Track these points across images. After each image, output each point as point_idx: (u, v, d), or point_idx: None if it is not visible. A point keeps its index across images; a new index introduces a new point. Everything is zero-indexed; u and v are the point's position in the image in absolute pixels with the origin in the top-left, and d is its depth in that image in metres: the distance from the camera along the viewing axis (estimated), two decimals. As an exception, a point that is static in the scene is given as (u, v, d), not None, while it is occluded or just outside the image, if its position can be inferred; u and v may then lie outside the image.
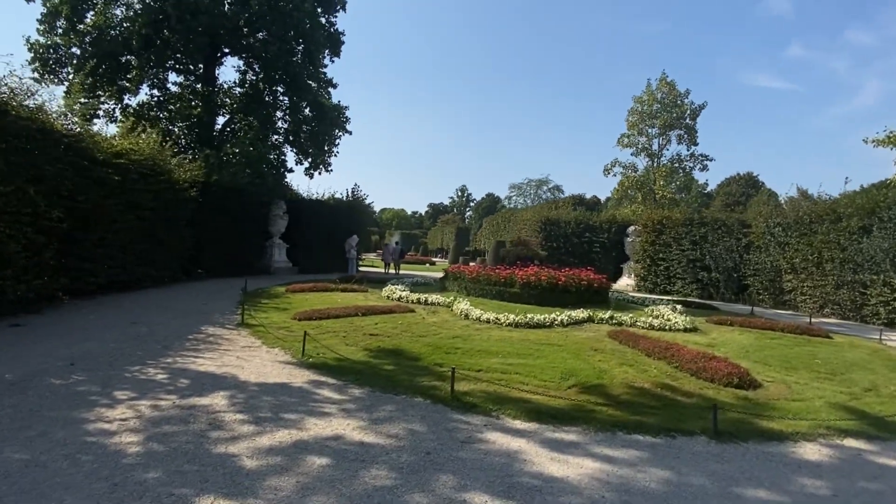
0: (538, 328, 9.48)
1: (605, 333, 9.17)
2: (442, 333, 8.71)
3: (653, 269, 21.31)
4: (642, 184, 27.87)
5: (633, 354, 7.79)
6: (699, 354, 7.22)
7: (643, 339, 8.40)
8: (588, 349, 8.02)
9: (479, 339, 8.43)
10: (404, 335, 8.47)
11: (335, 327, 8.87)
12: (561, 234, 24.35)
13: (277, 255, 20.84)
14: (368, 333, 8.50)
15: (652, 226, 21.49)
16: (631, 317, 10.43)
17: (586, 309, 10.91)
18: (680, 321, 10.33)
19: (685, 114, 27.80)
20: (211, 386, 5.52)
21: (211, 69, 22.13)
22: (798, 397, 6.18)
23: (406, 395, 5.60)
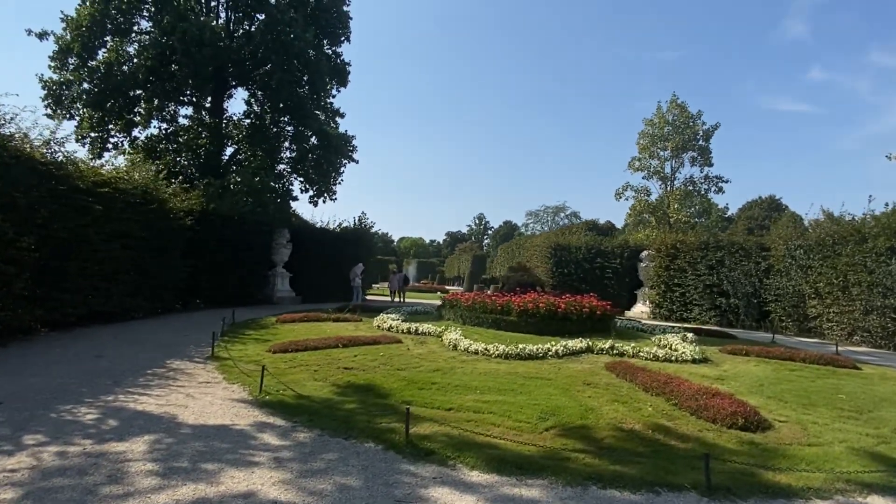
0: (530, 360, 8.77)
1: (603, 365, 8.42)
2: (423, 366, 8.08)
3: (668, 295, 20.35)
4: (656, 208, 27.00)
5: (628, 389, 7.02)
6: (701, 390, 6.40)
7: (642, 371, 7.61)
8: (580, 383, 7.28)
9: (462, 372, 7.77)
10: (382, 368, 7.86)
11: (310, 360, 8.30)
12: (572, 259, 23.60)
13: (280, 285, 20.51)
14: (343, 367, 7.90)
15: (665, 250, 20.63)
16: (633, 346, 9.62)
17: (587, 338, 10.16)
18: (688, 351, 9.49)
19: (698, 135, 27.07)
20: (140, 428, 4.95)
21: (219, 101, 22.40)
22: (815, 441, 5.31)
23: (357, 439, 4.94)
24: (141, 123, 22.02)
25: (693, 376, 7.94)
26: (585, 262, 23.24)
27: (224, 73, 21.15)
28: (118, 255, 11.67)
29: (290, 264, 20.87)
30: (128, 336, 10.20)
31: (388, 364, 8.16)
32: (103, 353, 8.44)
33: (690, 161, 27.47)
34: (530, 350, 8.98)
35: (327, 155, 22.52)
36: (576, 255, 23.51)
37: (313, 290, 21.30)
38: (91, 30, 19.47)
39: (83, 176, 10.62)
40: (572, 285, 22.68)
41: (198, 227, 15.83)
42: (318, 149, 22.62)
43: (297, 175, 23.22)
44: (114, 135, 21.18)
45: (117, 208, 11.50)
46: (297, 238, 20.96)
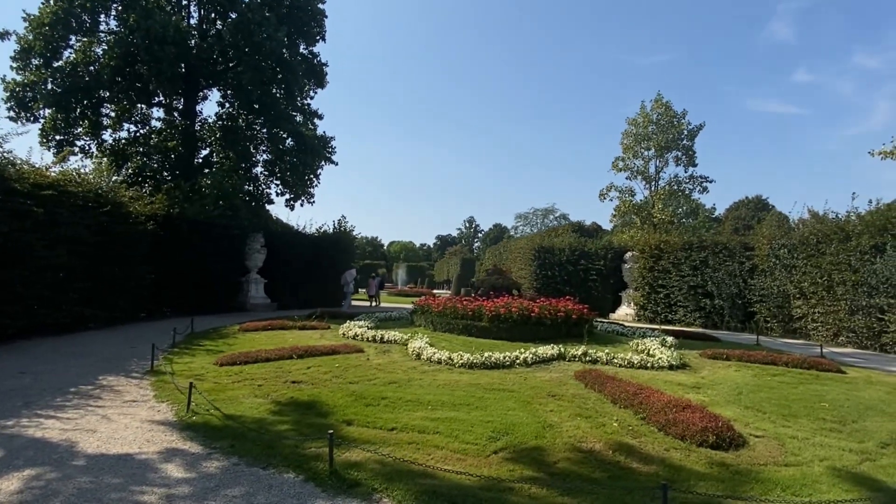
0: (495, 369, 8.22)
1: (573, 374, 7.89)
2: (378, 378, 7.51)
3: (652, 296, 19.88)
4: (640, 208, 26.57)
5: (596, 401, 6.47)
6: (671, 402, 5.85)
7: (612, 381, 7.06)
8: (544, 395, 6.73)
9: (419, 384, 7.21)
10: (333, 382, 7.27)
11: (257, 374, 7.69)
12: (555, 262, 23.07)
13: (254, 291, 19.79)
14: (290, 381, 7.30)
15: (649, 251, 20.18)
16: (608, 353, 9.08)
17: (561, 344, 9.63)
18: (665, 357, 8.98)
19: (682, 135, 26.66)
20: (25, 461, 4.32)
21: (191, 103, 21.73)
22: (792, 460, 4.77)
23: (277, 469, 4.34)
24: (111, 126, 21.30)
25: (667, 385, 7.44)
26: (569, 265, 22.72)
27: (195, 73, 20.48)
28: (66, 262, 10.98)
29: (266, 270, 20.15)
30: (69, 349, 9.52)
31: (341, 377, 7.58)
32: (32, 368, 7.77)
33: (675, 161, 27.05)
34: (496, 359, 8.42)
35: (304, 157, 21.87)
36: (559, 258, 23.00)
37: (290, 297, 20.59)
38: (55, 28, 18.70)
39: (22, 178, 9.93)
40: (556, 288, 22.18)
41: (162, 232, 15.14)
42: (294, 151, 21.97)
43: (272, 178, 22.58)
44: (80, 137, 20.43)
45: (64, 212, 10.80)
46: (273, 243, 20.25)
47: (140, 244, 14.03)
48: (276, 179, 22.54)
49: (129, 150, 21.13)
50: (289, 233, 22.17)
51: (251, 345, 10.21)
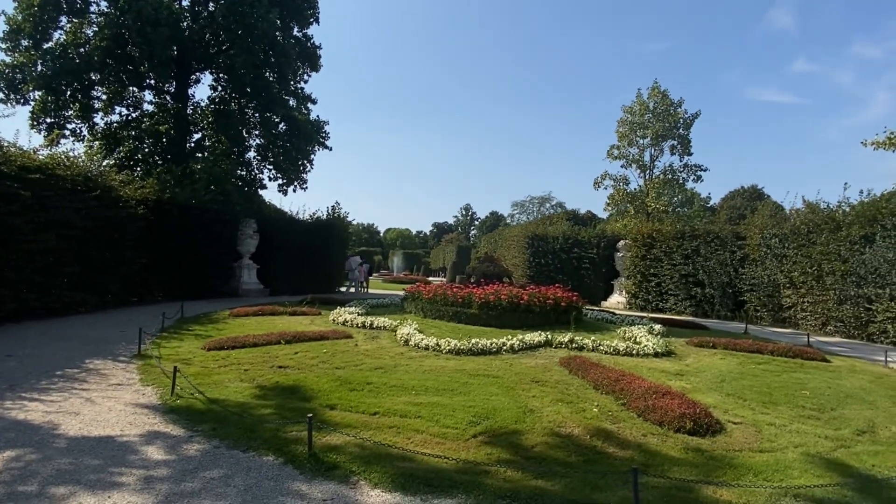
0: (482, 355, 8.29)
1: (558, 361, 7.96)
2: (366, 364, 7.56)
3: (644, 285, 19.98)
4: (634, 197, 26.58)
5: (578, 387, 6.54)
6: (651, 389, 5.92)
7: (596, 367, 7.14)
8: (528, 381, 6.79)
9: (405, 370, 7.27)
10: (319, 367, 7.32)
11: (244, 358, 7.73)
12: (549, 250, 23.12)
13: (247, 277, 19.76)
14: (277, 366, 7.35)
15: (642, 240, 20.22)
16: (594, 340, 9.17)
17: (549, 331, 9.71)
18: (651, 344, 9.07)
19: (678, 123, 26.61)
20: (8, 442, 4.35)
21: (183, 86, 21.49)
22: (767, 446, 4.84)
23: (257, 451, 4.39)
24: (102, 109, 21.08)
25: (651, 372, 7.52)
26: (562, 253, 22.78)
27: (187, 56, 20.25)
28: (55, 246, 10.92)
29: (259, 256, 20.11)
30: (57, 332, 9.52)
31: (328, 362, 7.63)
32: (18, 352, 7.77)
33: (670, 150, 27.01)
34: (483, 345, 8.49)
35: (297, 142, 21.76)
36: (553, 246, 23.04)
37: (283, 283, 20.57)
38: (44, 9, 18.41)
39: (9, 160, 9.84)
40: (549, 276, 22.26)
41: (153, 217, 15.06)
42: (287, 135, 21.85)
43: (265, 163, 22.48)
44: (71, 120, 20.21)
45: (53, 196, 10.73)
46: (266, 228, 20.17)
47: (131, 229, 13.96)
48: (269, 164, 22.44)
49: (120, 134, 20.95)
50: (282, 218, 22.07)
51: (240, 330, 10.25)
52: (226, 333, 9.81)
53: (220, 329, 10.51)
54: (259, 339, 8.79)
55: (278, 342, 8.73)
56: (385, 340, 9.40)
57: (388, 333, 10.01)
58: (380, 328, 10.48)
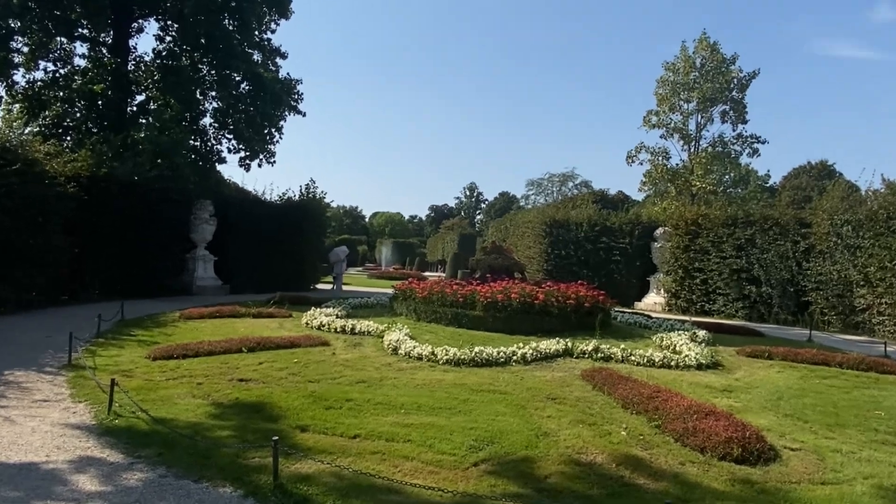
0: (487, 366, 8.39)
1: (579, 374, 8.06)
2: (344, 377, 7.65)
3: (686, 282, 20.08)
4: (675, 174, 26.55)
5: (603, 406, 6.62)
6: (692, 407, 5.98)
7: (625, 382, 7.21)
8: (542, 398, 6.88)
9: (393, 384, 7.36)
10: (288, 381, 7.40)
11: (198, 369, 7.80)
12: (571, 239, 23.22)
13: (202, 271, 19.82)
14: (238, 378, 7.43)
15: (685, 227, 20.30)
16: (623, 349, 9.26)
17: (569, 337, 9.79)
18: (693, 354, 9.16)
19: (731, 84, 26.50)
20: None
21: (122, 37, 21.48)
22: (831, 477, 4.89)
23: (212, 482, 4.43)
24: (23, 65, 21.04)
25: (692, 387, 7.60)
26: (588, 243, 22.86)
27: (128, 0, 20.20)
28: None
29: (217, 245, 20.16)
30: (-30, 338, 9.58)
31: (300, 374, 7.72)
32: (-77, 360, 7.83)
33: (721, 116, 26.93)
34: (488, 354, 8.56)
35: (262, 105, 21.78)
36: (576, 234, 23.12)
37: (245, 278, 20.61)
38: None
39: None
40: (571, 270, 22.36)
41: (86, 197, 15.07)
42: (251, 97, 21.89)
43: (224, 131, 22.53)
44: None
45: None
46: (225, 211, 20.20)
47: (59, 211, 13.96)
48: (229, 133, 22.50)
49: (45, 95, 20.94)
50: (244, 200, 22.16)
51: (193, 335, 10.33)
52: (175, 339, 9.89)
53: (168, 334, 10.59)
54: (216, 346, 8.85)
55: (239, 350, 8.80)
56: (369, 348, 9.47)
57: (374, 340, 10.08)
58: (363, 333, 10.55)
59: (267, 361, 8.31)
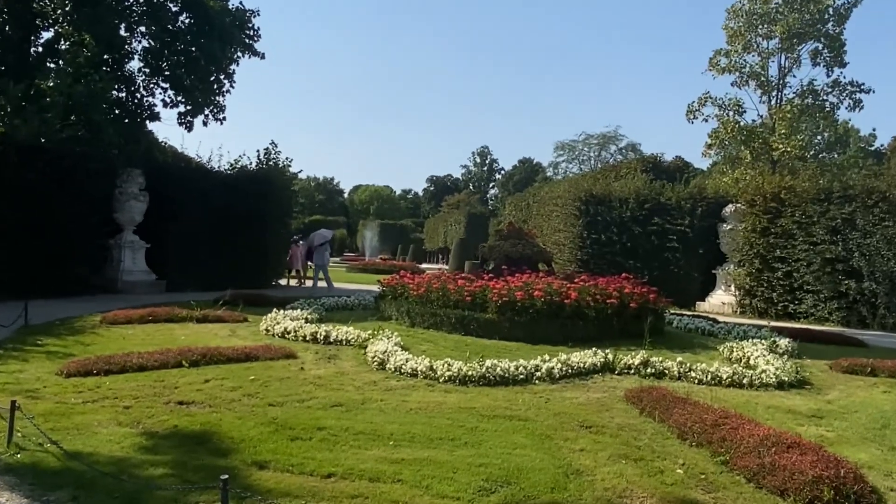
0: (501, 385, 8.50)
1: (622, 394, 8.16)
2: (316, 398, 7.74)
3: (765, 276, 20.09)
4: (751, 134, 26.45)
5: (654, 435, 6.69)
6: (769, 438, 6.00)
7: (682, 405, 7.25)
8: (574, 426, 6.95)
9: (379, 408, 7.45)
10: (242, 403, 7.47)
11: (124, 389, 7.87)
12: (613, 219, 23.26)
13: (130, 262, 19.96)
14: (177, 401, 7.49)
15: (762, 203, 20.29)
16: (682, 362, 9.35)
17: (610, 348, 9.90)
18: (772, 369, 9.25)
19: (825, 15, 26.35)
20: None
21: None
22: (951, 529, 4.91)
23: (141, 533, 4.48)
24: None
25: (771, 412, 7.67)
26: (635, 224, 22.88)
27: None
28: None
29: (150, 228, 20.29)
30: None
31: (257, 395, 7.78)
32: None
33: (811, 57, 26.79)
34: (504, 370, 8.65)
35: (207, 43, 21.75)
36: (620, 213, 23.14)
37: (188, 271, 20.78)
38: None
39: None
40: (613, 261, 22.50)
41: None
42: (192, 33, 21.84)
43: (157, 78, 22.52)
44: None
45: None
46: (161, 184, 20.31)
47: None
48: (164, 80, 22.49)
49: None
50: (186, 169, 22.24)
51: (119, 345, 10.42)
52: (96, 350, 9.94)
53: (86, 344, 10.66)
54: (148, 359, 8.92)
55: (178, 365, 8.87)
56: (348, 362, 9.55)
57: (354, 351, 10.18)
58: (340, 343, 10.66)
59: (215, 379, 8.37)
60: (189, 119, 22.74)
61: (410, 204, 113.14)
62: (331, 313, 13.82)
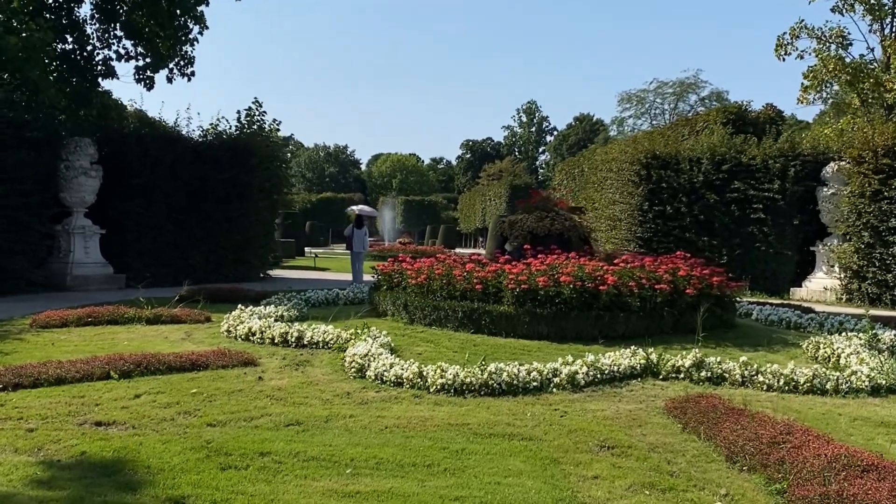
0: (509, 395, 8.35)
1: (662, 405, 7.92)
2: (271, 416, 7.62)
3: (876, 253, 19.51)
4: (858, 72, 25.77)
5: (695, 457, 6.44)
6: (840, 458, 5.68)
7: (736, 417, 7.00)
8: (591, 446, 6.73)
9: (345, 427, 7.32)
10: (175, 423, 7.35)
11: (34, 407, 7.82)
12: (682, 186, 22.83)
13: (81, 252, 20.09)
14: (94, 422, 7.39)
15: (873, 159, 19.70)
16: (747, 362, 9.13)
17: (659, 346, 9.86)
18: (865, 370, 9.02)
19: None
20: None
21: None
22: None
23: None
24: None
25: (855, 425, 7.43)
26: (709, 191, 22.41)
27: None
28: None
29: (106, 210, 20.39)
30: None
31: (197, 413, 7.67)
32: None
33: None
34: (511, 375, 8.46)
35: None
36: (690, 177, 22.66)
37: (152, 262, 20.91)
38: None
39: None
40: (682, 238, 22.14)
41: None
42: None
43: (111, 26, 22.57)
44: None
45: None
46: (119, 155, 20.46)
47: None
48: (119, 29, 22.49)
49: None
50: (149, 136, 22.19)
51: (45, 353, 10.42)
52: (16, 360, 9.96)
53: (5, 353, 10.70)
54: (69, 369, 8.88)
55: (106, 376, 8.81)
56: (320, 369, 9.48)
57: (331, 356, 10.12)
58: (315, 345, 10.63)
59: (148, 393, 8.29)
60: (149, 74, 22.74)
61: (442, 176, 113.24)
62: (315, 310, 13.80)
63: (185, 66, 23.20)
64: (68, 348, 10.83)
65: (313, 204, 74.09)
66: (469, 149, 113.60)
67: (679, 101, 77.03)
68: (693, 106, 75.28)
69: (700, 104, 74.48)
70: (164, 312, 13.12)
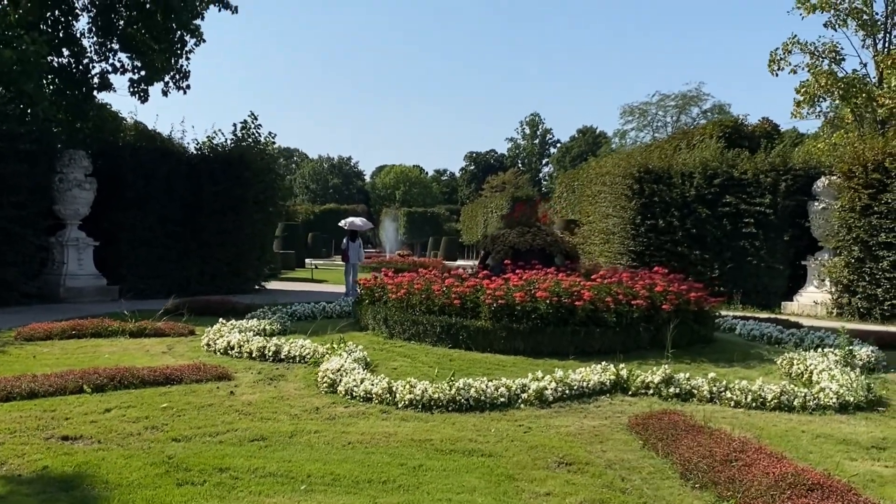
0: (476, 411, 8.39)
1: (626, 422, 7.94)
2: (237, 431, 7.65)
3: (866, 268, 19.46)
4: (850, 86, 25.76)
5: (651, 474, 6.47)
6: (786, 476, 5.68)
7: (694, 434, 7.00)
8: (549, 463, 6.75)
9: (308, 442, 7.34)
10: (141, 438, 7.39)
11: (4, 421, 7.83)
12: (674, 200, 22.84)
13: (75, 264, 20.12)
14: (61, 436, 7.42)
15: (863, 174, 19.66)
16: (715, 378, 9.16)
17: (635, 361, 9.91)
18: (834, 386, 9.00)
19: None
20: None
21: None
22: None
23: None
24: None
25: (817, 442, 7.44)
26: (701, 205, 22.44)
27: None
28: None
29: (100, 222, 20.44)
30: None
31: (164, 428, 7.70)
32: None
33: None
34: (479, 391, 8.51)
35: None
36: (682, 191, 22.68)
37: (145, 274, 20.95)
38: None
39: None
40: (674, 252, 22.19)
41: None
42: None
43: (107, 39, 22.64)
44: None
45: None
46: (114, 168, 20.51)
47: None
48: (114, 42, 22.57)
49: None
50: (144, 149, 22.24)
51: (25, 366, 10.46)
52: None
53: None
54: (43, 383, 8.92)
55: (79, 390, 8.85)
56: (293, 384, 9.52)
57: (306, 370, 10.18)
58: (292, 359, 10.70)
59: (119, 407, 8.31)
60: (143, 87, 22.79)
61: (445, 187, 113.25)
62: (300, 323, 13.83)
63: (181, 80, 23.22)
64: (49, 361, 10.84)
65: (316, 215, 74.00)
66: (473, 160, 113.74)
67: (681, 113, 76.89)
68: (695, 119, 75.12)
69: (702, 117, 74.37)
70: (147, 325, 13.17)
